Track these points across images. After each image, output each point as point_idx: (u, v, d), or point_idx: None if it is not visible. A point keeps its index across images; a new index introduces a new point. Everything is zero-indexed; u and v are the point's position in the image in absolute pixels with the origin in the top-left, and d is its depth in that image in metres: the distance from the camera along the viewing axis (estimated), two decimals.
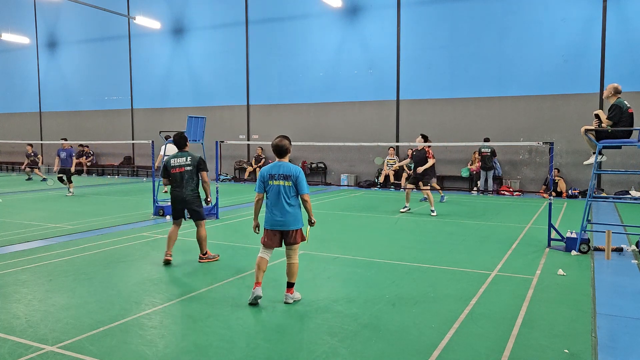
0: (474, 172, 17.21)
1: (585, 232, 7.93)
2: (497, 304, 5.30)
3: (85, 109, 26.29)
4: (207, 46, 22.45)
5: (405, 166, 17.14)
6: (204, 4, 22.38)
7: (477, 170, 16.98)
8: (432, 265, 7.00)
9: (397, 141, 18.46)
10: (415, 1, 18.23)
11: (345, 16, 19.42)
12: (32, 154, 22.40)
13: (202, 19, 22.48)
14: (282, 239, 5.36)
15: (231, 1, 21.65)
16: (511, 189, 16.69)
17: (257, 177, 5.43)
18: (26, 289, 5.89)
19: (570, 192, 15.54)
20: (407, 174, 17.33)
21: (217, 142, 11.74)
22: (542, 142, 8.86)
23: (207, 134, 13.46)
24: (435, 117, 18.12)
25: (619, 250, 7.75)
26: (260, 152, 21.17)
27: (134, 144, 24.65)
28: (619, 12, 15.50)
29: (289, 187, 5.24)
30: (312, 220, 5.36)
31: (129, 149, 25.22)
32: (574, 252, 7.59)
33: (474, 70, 17.46)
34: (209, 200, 7.34)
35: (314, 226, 5.39)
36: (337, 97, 19.85)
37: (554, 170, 12.99)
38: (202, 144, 12.02)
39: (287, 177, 5.24)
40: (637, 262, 7.17)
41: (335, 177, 20.11)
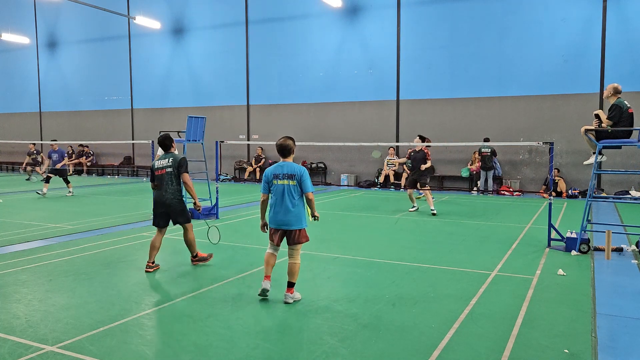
0: (474, 172, 17.21)
1: (585, 232, 7.93)
2: (497, 304, 5.30)
3: (85, 109, 26.29)
4: (207, 46, 22.45)
5: (405, 166, 17.14)
6: (204, 4, 22.38)
7: (477, 170, 16.98)
8: (432, 265, 7.00)
9: (397, 141, 18.46)
10: (415, 1, 18.23)
11: (345, 16, 19.42)
12: (35, 152, 22.43)
13: (202, 19, 22.48)
14: (286, 239, 5.42)
15: (231, 1, 21.65)
16: (511, 189, 16.69)
17: (262, 178, 5.51)
18: (26, 289, 5.89)
19: (570, 192, 15.54)
20: (408, 174, 17.32)
21: (217, 142, 11.74)
22: (542, 142, 8.85)
23: (207, 134, 13.47)
24: (435, 117, 18.12)
25: (619, 250, 7.75)
26: (260, 152, 21.16)
27: (134, 144, 24.65)
28: (619, 12, 15.50)
29: (293, 186, 5.30)
30: (315, 214, 5.48)
31: (129, 149, 25.22)
32: (574, 252, 7.59)
33: (474, 70, 17.46)
34: (197, 205, 6.89)
35: (317, 221, 5.53)
36: (337, 97, 19.85)
37: (554, 170, 12.99)
38: (202, 144, 12.03)
39: (291, 177, 5.30)
40: (637, 262, 7.17)
41: (335, 177, 20.11)
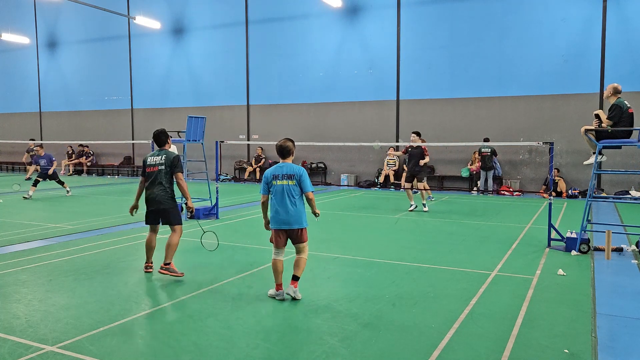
0: (474, 172, 17.22)
1: (585, 232, 7.92)
2: (497, 303, 5.30)
3: (85, 109, 26.29)
4: (207, 46, 22.45)
5: (405, 165, 17.17)
6: (204, 4, 22.38)
7: (477, 170, 16.98)
8: (432, 265, 7.00)
9: (397, 141, 18.46)
10: (415, 1, 18.23)
11: (345, 16, 19.42)
12: (34, 149, 22.40)
13: (202, 19, 22.47)
14: (289, 238, 5.48)
15: (231, 1, 21.65)
16: (511, 189, 16.69)
17: (262, 180, 5.55)
18: (26, 289, 5.89)
19: (570, 192, 15.53)
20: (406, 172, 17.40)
21: (217, 142, 11.74)
22: (542, 142, 8.85)
23: (207, 134, 13.47)
24: (435, 117, 18.12)
25: (619, 250, 7.75)
26: (260, 152, 21.16)
27: (133, 144, 24.65)
28: (619, 12, 15.50)
29: (293, 186, 5.35)
30: (316, 212, 5.57)
31: (129, 149, 25.22)
32: (574, 252, 7.59)
33: (474, 70, 17.46)
34: (190, 206, 6.50)
35: (318, 217, 5.62)
36: (337, 97, 19.85)
37: (554, 170, 12.99)
38: (202, 144, 12.03)
39: (290, 177, 5.36)
40: (637, 262, 7.17)
41: (335, 177, 20.11)
